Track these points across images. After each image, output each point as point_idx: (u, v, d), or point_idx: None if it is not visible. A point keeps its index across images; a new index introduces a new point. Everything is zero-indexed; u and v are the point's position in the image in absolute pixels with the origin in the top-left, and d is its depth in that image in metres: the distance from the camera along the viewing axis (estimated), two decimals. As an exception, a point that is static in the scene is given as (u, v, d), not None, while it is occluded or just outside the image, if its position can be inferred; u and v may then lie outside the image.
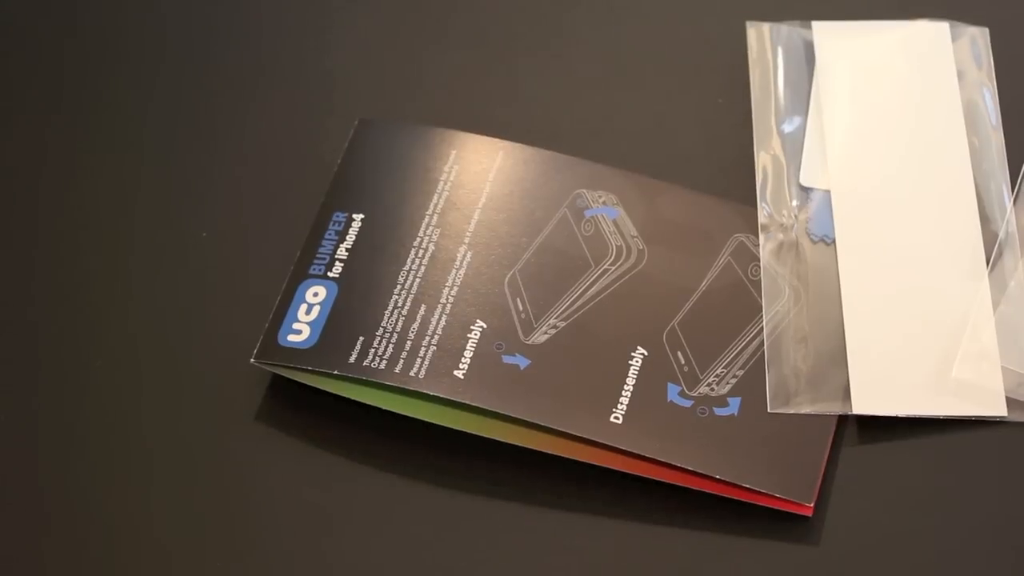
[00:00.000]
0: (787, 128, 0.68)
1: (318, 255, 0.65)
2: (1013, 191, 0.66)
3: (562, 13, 0.74)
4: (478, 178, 0.67)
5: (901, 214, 0.66)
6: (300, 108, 0.72)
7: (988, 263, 0.65)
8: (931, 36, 0.71)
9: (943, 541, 0.60)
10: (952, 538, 0.60)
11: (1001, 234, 0.65)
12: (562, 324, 0.63)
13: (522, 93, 0.71)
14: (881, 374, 0.63)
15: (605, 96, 0.71)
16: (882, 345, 0.63)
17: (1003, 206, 0.66)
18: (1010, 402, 0.62)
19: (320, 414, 0.63)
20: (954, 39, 0.70)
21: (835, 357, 0.63)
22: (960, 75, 0.69)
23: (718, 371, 0.62)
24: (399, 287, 0.64)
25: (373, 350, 0.63)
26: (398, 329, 0.63)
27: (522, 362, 0.62)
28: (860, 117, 0.68)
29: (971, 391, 0.62)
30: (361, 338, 0.63)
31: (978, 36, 0.71)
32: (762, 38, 0.71)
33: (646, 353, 0.63)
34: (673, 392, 0.62)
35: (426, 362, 0.62)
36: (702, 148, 0.69)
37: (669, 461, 0.60)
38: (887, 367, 0.63)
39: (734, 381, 0.62)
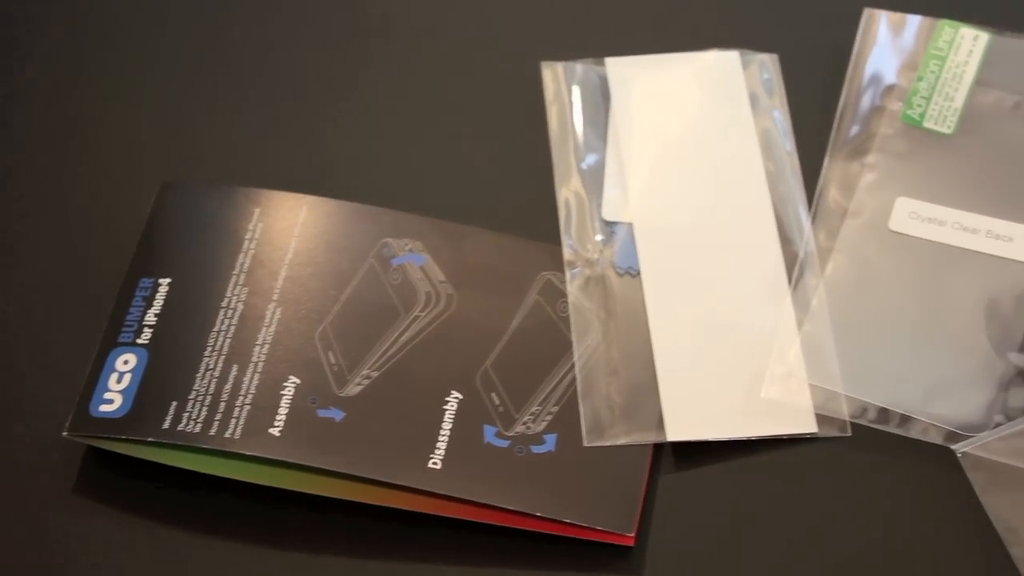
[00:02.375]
0: (587, 164, 0.70)
1: (126, 323, 0.66)
2: (811, 211, 0.69)
3: (358, 66, 0.75)
4: (283, 234, 0.68)
5: (703, 242, 0.68)
6: (103, 174, 0.72)
7: (791, 284, 0.67)
8: (722, 65, 0.73)
9: (764, 559, 0.62)
10: (773, 555, 0.63)
11: (801, 254, 0.68)
12: (376, 374, 0.65)
13: (324, 147, 0.73)
14: (693, 400, 0.65)
15: (407, 145, 0.73)
16: (692, 372, 0.65)
17: (801, 227, 0.68)
18: (820, 418, 0.65)
19: (139, 482, 0.64)
20: (745, 67, 0.73)
21: (647, 387, 0.65)
22: (753, 102, 0.72)
23: (533, 409, 0.64)
24: (210, 349, 0.65)
25: (187, 414, 0.63)
26: (211, 391, 0.64)
27: (337, 415, 0.63)
28: (657, 149, 0.71)
29: (781, 410, 0.65)
30: (174, 403, 0.64)
31: (768, 62, 0.73)
32: (557, 77, 0.73)
33: (461, 397, 0.64)
34: (490, 433, 0.63)
35: (241, 422, 0.63)
36: (505, 190, 0.71)
37: (490, 503, 0.62)
38: (698, 393, 0.65)
39: (549, 418, 0.64)
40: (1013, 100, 0.71)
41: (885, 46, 0.73)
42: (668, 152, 0.71)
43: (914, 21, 0.73)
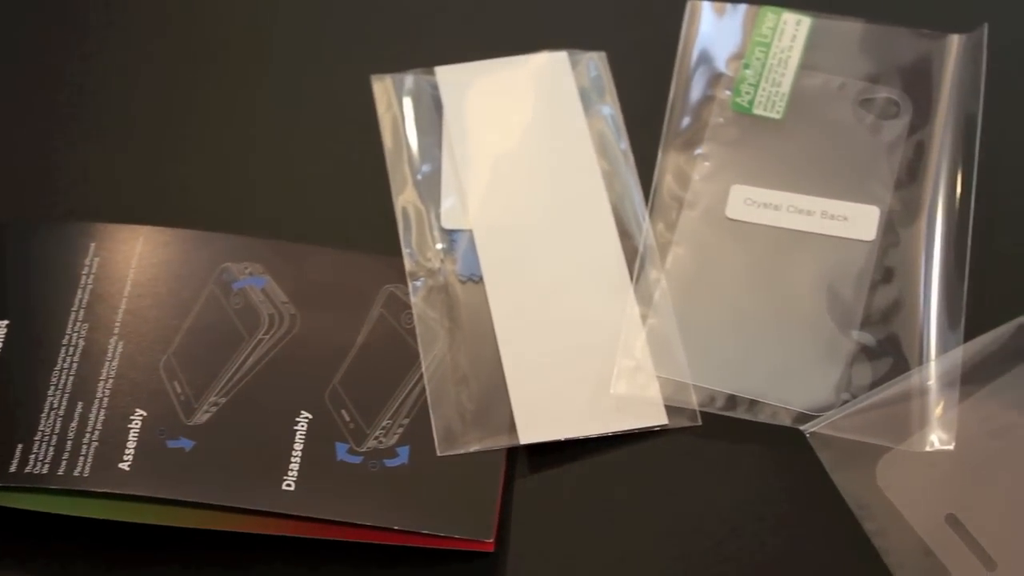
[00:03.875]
0: (422, 175, 0.71)
1: (-34, 368, 0.65)
2: (648, 205, 0.70)
3: (185, 91, 0.75)
4: (120, 267, 0.68)
5: (544, 244, 0.69)
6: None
7: (632, 279, 0.68)
8: (552, 67, 0.74)
9: (625, 553, 0.64)
10: (634, 548, 0.64)
11: (641, 248, 0.69)
12: (223, 400, 0.65)
13: (157, 175, 0.73)
14: (543, 402, 0.65)
15: (242, 168, 0.73)
16: (541, 373, 0.66)
17: (640, 222, 0.69)
18: (669, 410, 0.66)
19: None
20: (574, 66, 0.74)
21: (497, 392, 0.66)
22: (584, 101, 0.73)
23: (384, 423, 0.65)
24: (53, 388, 0.65)
25: (34, 455, 0.63)
26: (57, 430, 0.64)
27: (187, 444, 0.64)
28: (493, 155, 0.71)
29: (631, 405, 0.66)
30: (20, 445, 0.63)
31: (597, 60, 0.74)
32: (387, 90, 0.74)
33: (311, 416, 0.65)
34: (342, 451, 0.64)
35: (89, 459, 0.63)
36: (344, 206, 0.72)
37: (346, 520, 0.62)
38: (548, 394, 0.66)
39: (401, 431, 0.65)
40: (839, 82, 0.72)
41: (711, 36, 0.74)
42: (503, 157, 0.72)
43: (738, 9, 0.75)
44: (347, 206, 0.72)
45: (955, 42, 0.73)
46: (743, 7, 0.75)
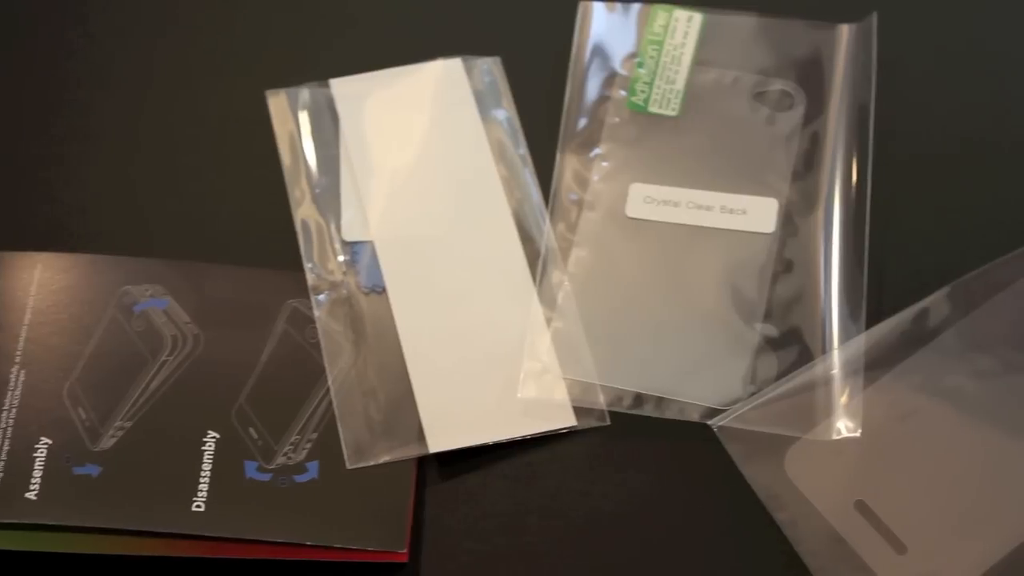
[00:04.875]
0: (321, 188, 0.71)
1: None
2: (548, 208, 0.70)
3: (80, 112, 0.75)
4: (19, 295, 0.68)
5: (446, 252, 0.70)
6: None
7: (536, 282, 0.68)
8: (447, 74, 0.74)
9: (538, 555, 0.64)
10: (546, 550, 0.64)
11: (543, 252, 0.69)
12: (129, 424, 0.65)
13: (54, 201, 0.73)
14: (451, 409, 0.66)
15: (140, 190, 0.73)
16: (448, 381, 0.66)
17: (540, 226, 0.70)
18: (578, 411, 0.66)
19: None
20: (469, 72, 0.74)
21: (405, 402, 0.66)
22: (481, 106, 0.73)
23: (292, 439, 0.65)
24: (-45, 420, 0.65)
25: (-61, 489, 0.63)
26: (-39, 463, 0.63)
27: (94, 470, 0.64)
28: (391, 165, 0.72)
29: (540, 408, 0.66)
30: (-76, 480, 0.63)
31: (492, 65, 0.75)
32: (283, 105, 0.74)
33: (218, 436, 0.65)
34: (251, 468, 0.64)
35: (-5, 490, 0.63)
36: (244, 224, 0.72)
37: (258, 538, 0.62)
38: (456, 401, 0.66)
39: (309, 446, 0.65)
40: (732, 76, 0.73)
41: (604, 36, 0.75)
42: (402, 167, 0.72)
43: (631, 9, 0.76)
44: (247, 223, 0.72)
45: (845, 32, 0.74)
46: (636, 6, 0.76)
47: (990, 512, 0.62)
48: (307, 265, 0.69)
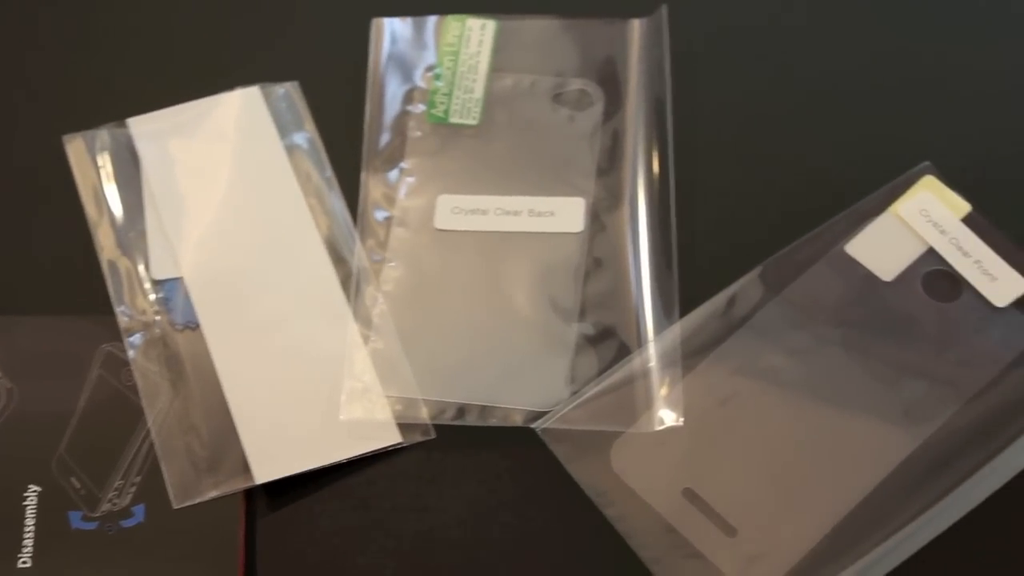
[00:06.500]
0: (127, 228, 0.71)
1: None
2: (357, 228, 0.71)
3: None
4: None
5: (258, 281, 0.70)
6: None
7: (350, 303, 0.69)
8: (246, 103, 0.74)
9: (376, 571, 0.64)
10: (382, 567, 0.64)
11: (355, 272, 0.69)
12: (-53, 487, 0.64)
13: None
14: (276, 438, 0.66)
15: (-58, 247, 0.72)
16: (270, 411, 0.66)
17: (351, 246, 0.70)
18: (402, 427, 0.67)
19: None
20: (268, 100, 0.74)
21: (228, 435, 0.66)
22: (282, 133, 0.74)
23: (116, 484, 0.65)
24: None
25: None
26: None
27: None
28: (196, 199, 0.72)
29: (364, 428, 0.66)
30: None
31: (291, 90, 0.75)
32: (81, 149, 0.74)
33: (39, 489, 0.64)
34: (76, 519, 0.64)
35: None
36: (50, 272, 0.71)
37: (88, 588, 0.62)
38: (280, 429, 0.66)
39: (134, 490, 0.65)
40: (530, 80, 0.74)
41: (400, 52, 0.75)
42: (207, 200, 0.72)
43: (426, 22, 0.76)
44: (56, 271, 0.71)
45: (636, 27, 0.75)
46: (432, 19, 0.76)
47: (816, 487, 0.64)
48: (118, 308, 0.69)
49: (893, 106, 0.73)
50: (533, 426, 0.66)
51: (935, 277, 0.68)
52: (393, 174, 0.72)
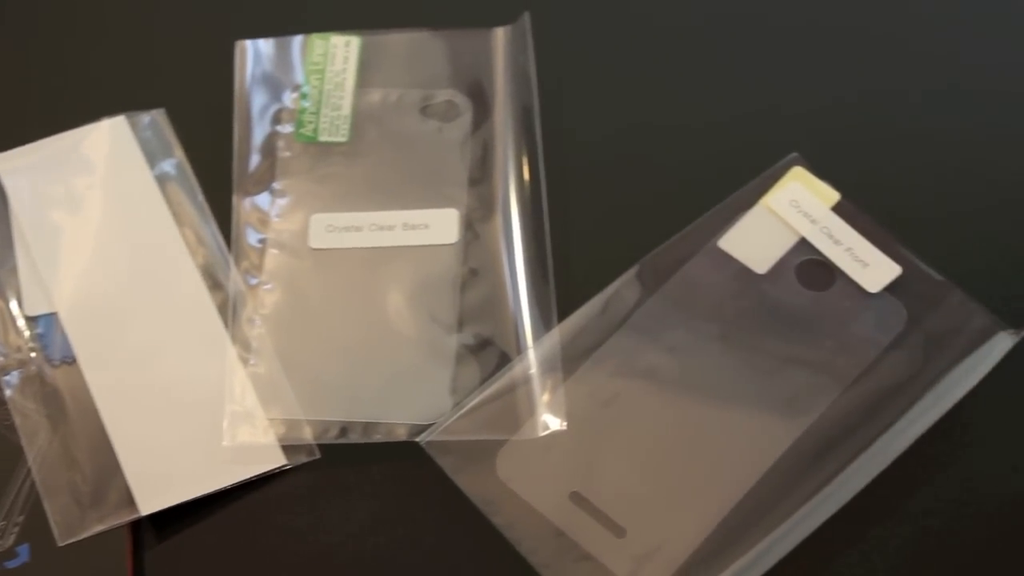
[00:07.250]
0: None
1: None
2: (231, 252, 0.70)
3: None
4: None
5: (134, 312, 0.69)
6: None
7: (227, 328, 0.69)
8: (113, 133, 0.74)
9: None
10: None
11: (231, 297, 0.69)
12: None
13: None
14: (159, 468, 0.66)
15: None
16: (152, 441, 0.66)
17: (226, 271, 0.70)
18: (286, 449, 0.67)
19: None
20: (135, 128, 0.74)
21: (111, 469, 0.66)
22: (151, 161, 0.73)
23: (-1, 525, 0.64)
24: None
25: None
26: None
27: None
28: (67, 232, 0.71)
29: (247, 452, 0.66)
30: None
31: (157, 118, 0.75)
32: (-58, 188, 0.73)
33: (-80, 535, 0.64)
34: (-41, 562, 0.63)
35: None
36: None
37: (-25, 632, 0.61)
38: (163, 459, 0.66)
39: (17, 530, 0.64)
40: (397, 94, 0.74)
41: (266, 73, 0.75)
42: (78, 233, 0.72)
43: (291, 42, 0.76)
44: (-73, 314, 0.71)
45: (500, 35, 0.75)
46: (298, 38, 0.76)
47: (701, 482, 0.64)
48: (-8, 347, 0.69)
49: (761, 99, 0.74)
50: (418, 440, 0.66)
51: (808, 267, 0.68)
52: (265, 196, 0.72)
